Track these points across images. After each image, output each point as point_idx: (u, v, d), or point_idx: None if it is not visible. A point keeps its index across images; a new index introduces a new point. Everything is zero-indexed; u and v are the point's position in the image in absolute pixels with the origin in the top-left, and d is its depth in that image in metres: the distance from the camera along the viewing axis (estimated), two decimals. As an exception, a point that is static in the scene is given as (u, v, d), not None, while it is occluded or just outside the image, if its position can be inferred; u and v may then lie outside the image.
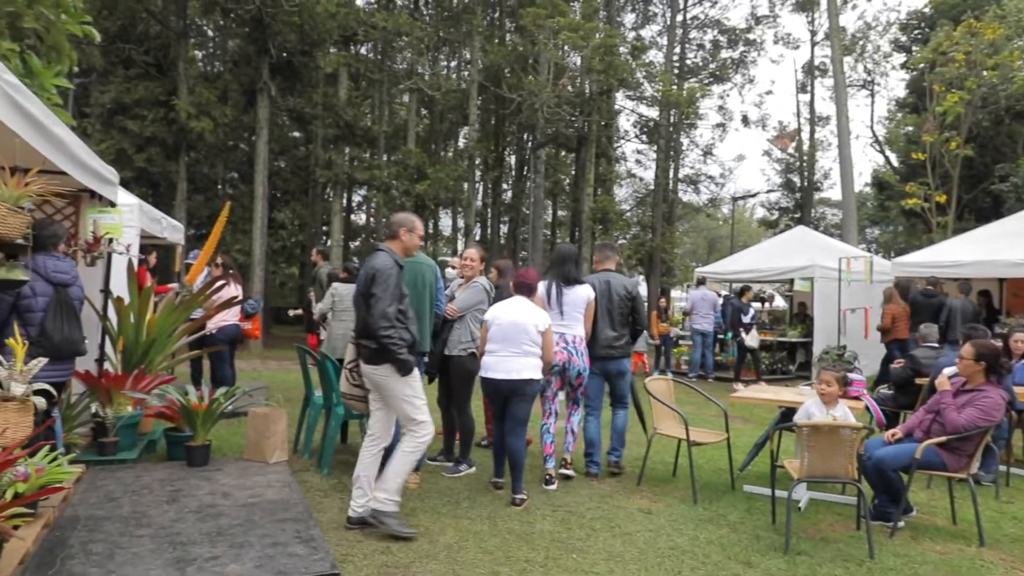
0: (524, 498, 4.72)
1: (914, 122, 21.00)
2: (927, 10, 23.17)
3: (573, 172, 25.53)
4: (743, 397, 5.67)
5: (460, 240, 22.38)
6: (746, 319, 12.20)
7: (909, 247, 21.35)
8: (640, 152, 29.98)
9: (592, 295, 5.38)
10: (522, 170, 26.10)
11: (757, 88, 73.65)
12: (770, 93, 63.88)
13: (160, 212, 7.74)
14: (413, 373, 4.03)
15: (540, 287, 5.37)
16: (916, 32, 24.18)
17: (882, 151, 27.56)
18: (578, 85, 21.08)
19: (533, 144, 22.34)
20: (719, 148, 72.32)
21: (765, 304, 17.06)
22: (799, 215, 28.84)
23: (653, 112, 25.48)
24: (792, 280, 13.10)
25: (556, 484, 5.14)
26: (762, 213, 34.38)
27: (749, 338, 12.01)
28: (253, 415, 5.39)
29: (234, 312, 7.39)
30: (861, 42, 28.11)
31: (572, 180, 25.70)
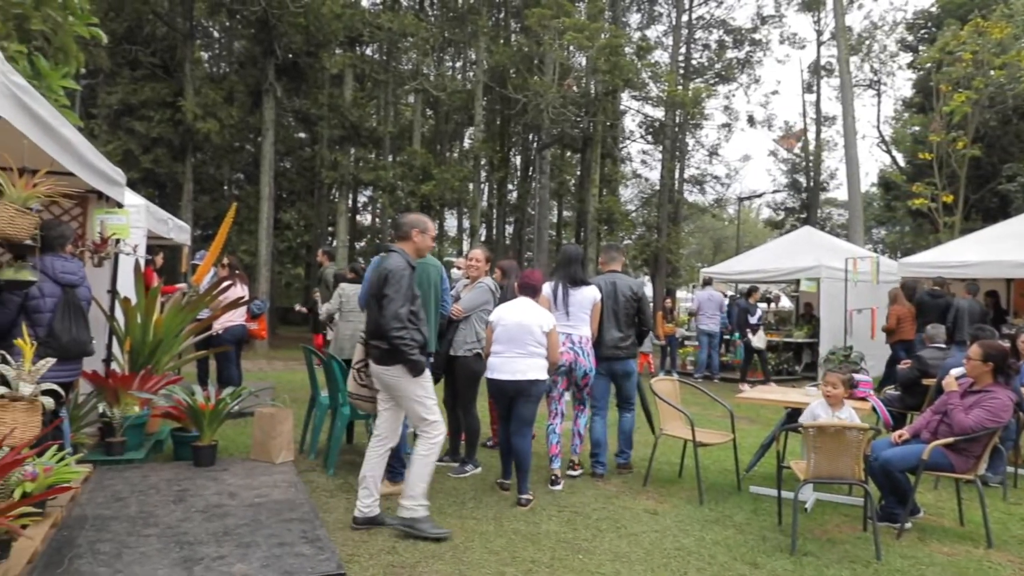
0: (530, 498, 4.72)
1: (921, 122, 20.92)
2: (934, 9, 23.08)
3: (578, 172, 25.53)
4: (749, 398, 5.65)
5: (465, 241, 22.42)
6: (753, 320, 12.15)
7: (916, 247, 21.28)
8: (645, 152, 30.11)
9: (598, 296, 5.40)
10: (527, 171, 26.10)
11: (763, 88, 73.42)
12: (776, 93, 63.52)
13: (166, 213, 7.76)
14: (424, 374, 4.05)
15: (546, 288, 5.38)
16: (923, 31, 24.09)
17: (889, 151, 27.50)
18: (583, 85, 21.08)
19: (538, 145, 22.34)
20: (725, 148, 72.18)
21: (771, 305, 17.01)
22: (805, 215, 28.74)
23: (659, 112, 25.47)
24: (798, 280, 13.05)
25: (562, 484, 5.15)
26: (768, 213, 34.30)
27: (756, 339, 11.96)
28: (259, 415, 5.41)
29: (240, 312, 7.42)
30: (867, 42, 28.02)
31: (577, 181, 25.70)
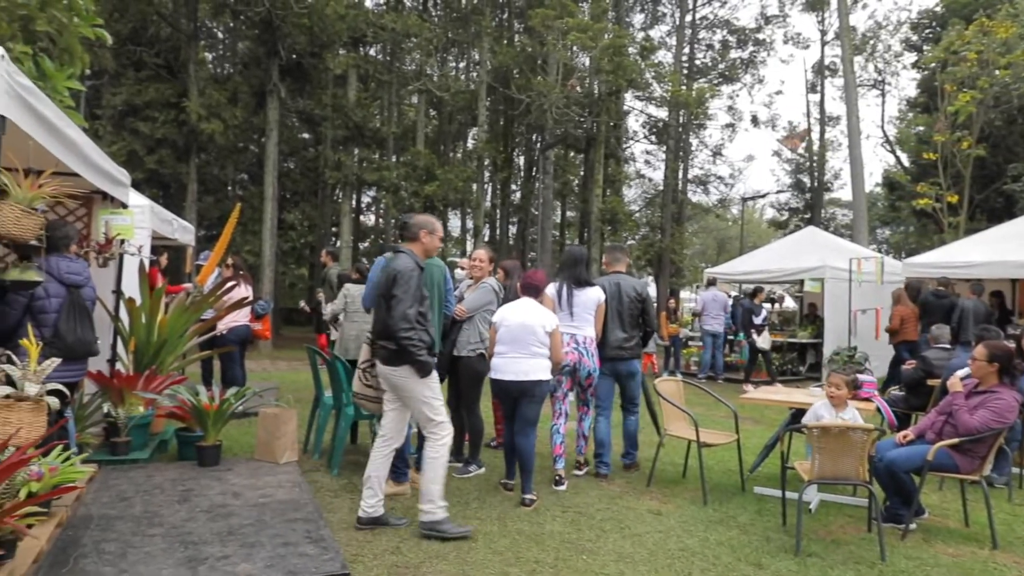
0: (534, 499, 4.72)
1: (925, 122, 20.85)
2: (938, 9, 23.00)
3: (582, 173, 25.51)
4: (753, 398, 5.65)
5: (469, 241, 22.42)
6: (758, 320, 12.11)
7: (920, 248, 21.22)
8: (649, 153, 29.97)
9: (602, 297, 5.42)
10: (531, 171, 26.10)
11: (767, 88, 73.50)
12: (780, 93, 63.44)
13: (171, 213, 7.79)
14: (432, 375, 4.06)
15: (551, 289, 5.40)
16: (927, 31, 24.02)
17: (893, 151, 27.41)
18: (587, 86, 21.06)
19: (542, 145, 22.33)
20: (728, 148, 71.92)
21: (775, 305, 16.99)
22: (809, 216, 28.69)
23: (662, 113, 25.46)
24: (802, 281, 13.03)
25: (566, 485, 5.15)
26: (772, 214, 34.29)
27: (761, 340, 11.93)
28: (263, 415, 5.42)
29: (244, 313, 7.44)
30: (872, 41, 27.93)
31: (581, 181, 25.68)
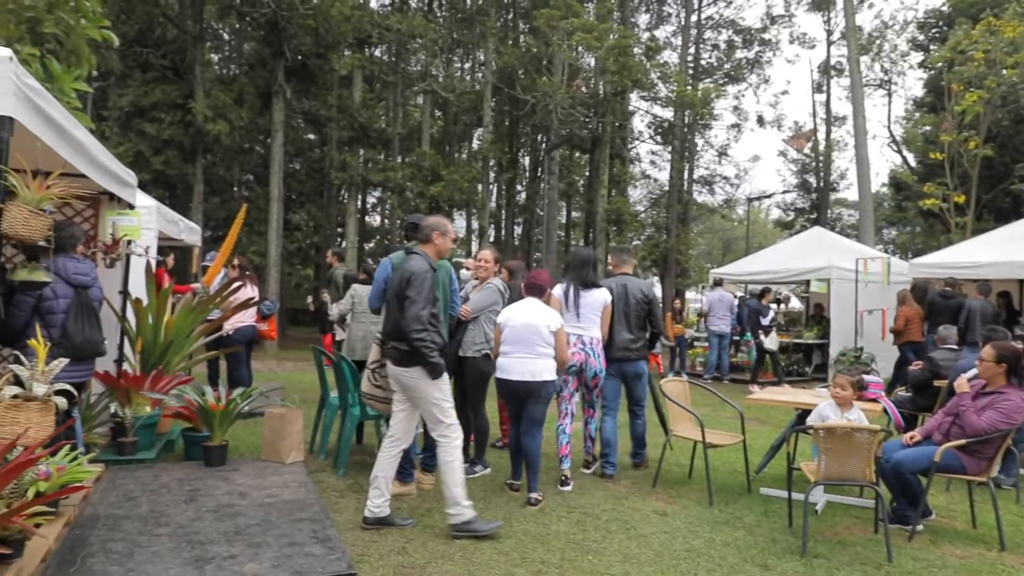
0: (539, 498, 4.72)
1: (932, 122, 20.76)
2: (945, 8, 22.89)
3: (587, 173, 25.48)
4: (759, 399, 5.64)
5: (474, 241, 22.39)
6: (765, 321, 12.06)
7: (927, 248, 21.14)
8: (654, 153, 30.06)
9: (608, 298, 5.44)
10: (536, 171, 26.10)
11: (772, 88, 73.20)
12: (786, 93, 63.51)
13: (177, 214, 7.81)
14: (443, 376, 4.07)
15: (558, 290, 5.42)
16: (934, 31, 23.92)
17: (899, 151, 27.31)
18: (592, 86, 21.04)
19: (547, 145, 22.33)
20: (734, 149, 71.92)
21: (781, 305, 16.95)
22: (815, 216, 28.61)
23: (667, 113, 25.42)
24: (808, 281, 13.00)
25: (571, 485, 5.14)
26: (778, 214, 34.20)
27: (768, 340, 11.88)
28: (269, 416, 5.43)
29: (250, 313, 7.45)
30: (878, 41, 27.84)
31: (586, 181, 25.66)
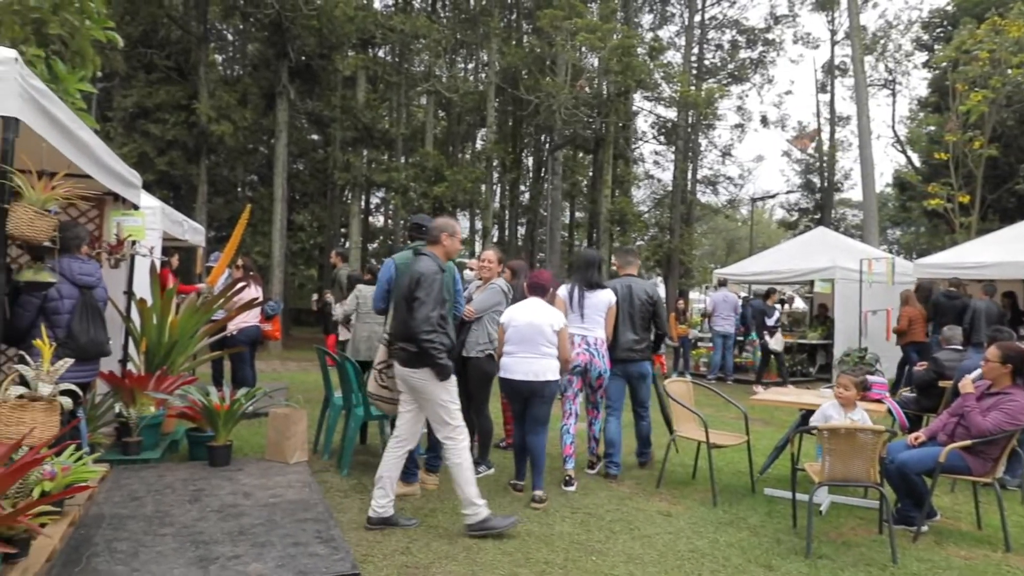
0: (544, 496, 4.72)
1: (936, 121, 20.69)
2: (950, 8, 22.84)
3: (591, 174, 25.49)
4: (763, 399, 5.63)
5: (478, 242, 22.42)
6: (770, 322, 12.02)
7: (931, 248, 21.08)
8: (658, 153, 30.09)
9: (613, 299, 5.45)
10: (540, 172, 26.09)
11: (776, 88, 73.17)
12: (789, 93, 63.20)
13: (181, 215, 7.83)
14: (451, 378, 4.07)
15: (562, 291, 5.43)
16: (939, 30, 23.86)
17: (904, 151, 27.23)
18: (596, 86, 21.04)
19: (551, 146, 22.33)
20: (738, 149, 71.67)
21: (785, 306, 16.92)
22: (819, 216, 28.54)
23: (671, 113, 25.39)
24: (812, 282, 12.97)
25: (576, 485, 5.14)
26: (781, 214, 34.10)
27: (773, 341, 11.85)
28: (273, 416, 5.45)
29: (254, 313, 7.46)
30: (882, 41, 27.77)
31: (590, 182, 25.66)
